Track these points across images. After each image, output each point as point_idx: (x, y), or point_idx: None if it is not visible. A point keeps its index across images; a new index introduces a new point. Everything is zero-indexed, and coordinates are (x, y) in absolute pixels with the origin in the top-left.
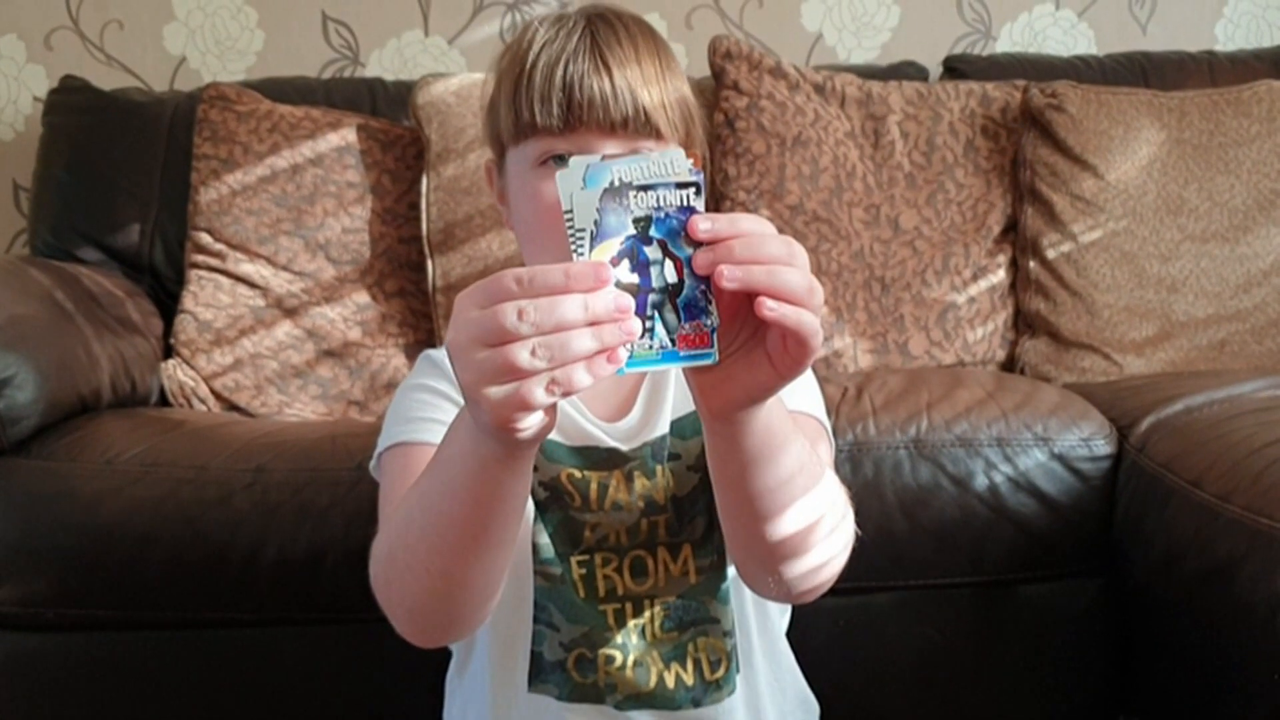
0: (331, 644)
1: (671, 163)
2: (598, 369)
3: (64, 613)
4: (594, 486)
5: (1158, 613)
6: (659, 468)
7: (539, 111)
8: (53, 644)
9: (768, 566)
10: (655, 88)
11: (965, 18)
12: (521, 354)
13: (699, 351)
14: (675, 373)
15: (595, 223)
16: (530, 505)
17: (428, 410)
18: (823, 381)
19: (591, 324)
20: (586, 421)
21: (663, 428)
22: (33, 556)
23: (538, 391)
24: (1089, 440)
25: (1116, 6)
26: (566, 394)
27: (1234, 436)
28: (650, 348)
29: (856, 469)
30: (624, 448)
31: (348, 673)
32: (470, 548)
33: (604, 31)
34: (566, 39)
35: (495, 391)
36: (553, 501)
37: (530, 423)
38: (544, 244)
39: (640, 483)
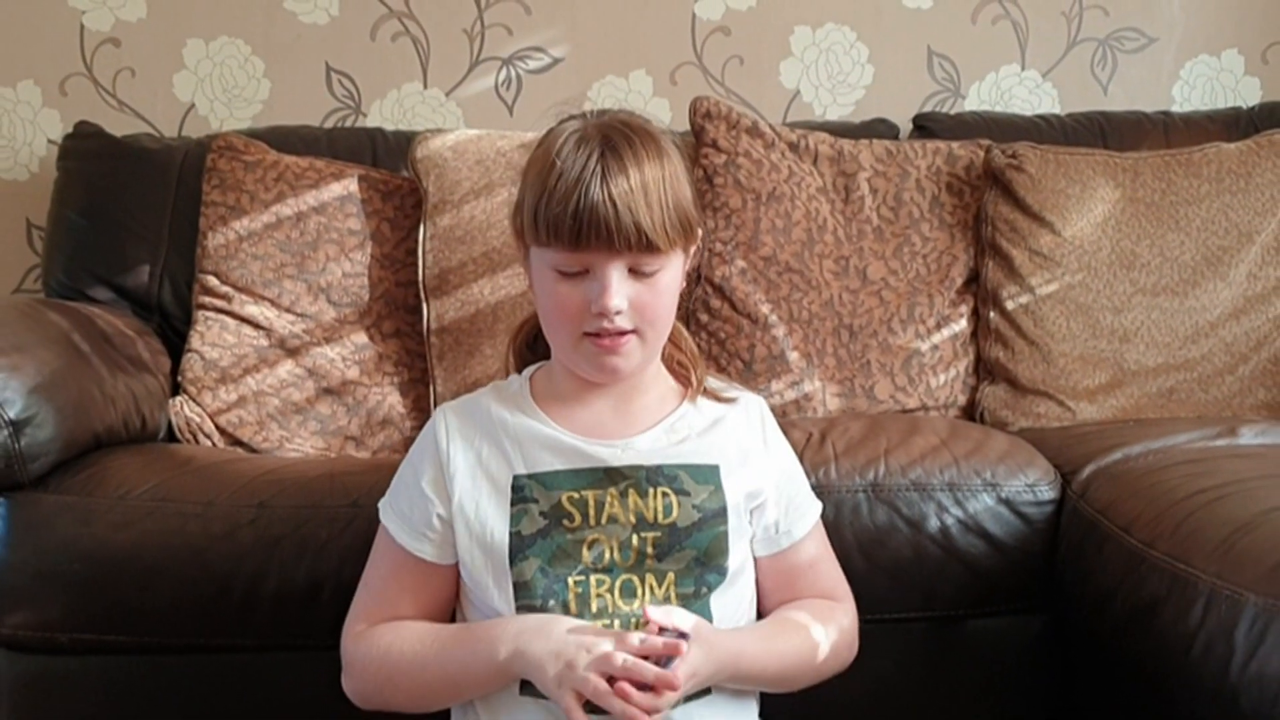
0: (329, 669)
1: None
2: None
3: (77, 638)
4: (592, 503)
5: (1094, 648)
6: (652, 489)
7: (553, 232)
8: (66, 667)
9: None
10: (656, 210)
11: (935, 77)
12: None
13: None
14: (692, 412)
15: None
16: (504, 555)
17: (415, 511)
18: (790, 426)
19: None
20: (585, 444)
21: (662, 459)
22: (49, 584)
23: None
24: (1034, 486)
25: (1079, 67)
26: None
27: (1163, 486)
28: None
29: None
30: (622, 466)
31: (344, 697)
32: (449, 705)
33: (613, 163)
34: (584, 166)
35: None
36: (553, 527)
37: None
38: (554, 327)
39: (634, 499)
